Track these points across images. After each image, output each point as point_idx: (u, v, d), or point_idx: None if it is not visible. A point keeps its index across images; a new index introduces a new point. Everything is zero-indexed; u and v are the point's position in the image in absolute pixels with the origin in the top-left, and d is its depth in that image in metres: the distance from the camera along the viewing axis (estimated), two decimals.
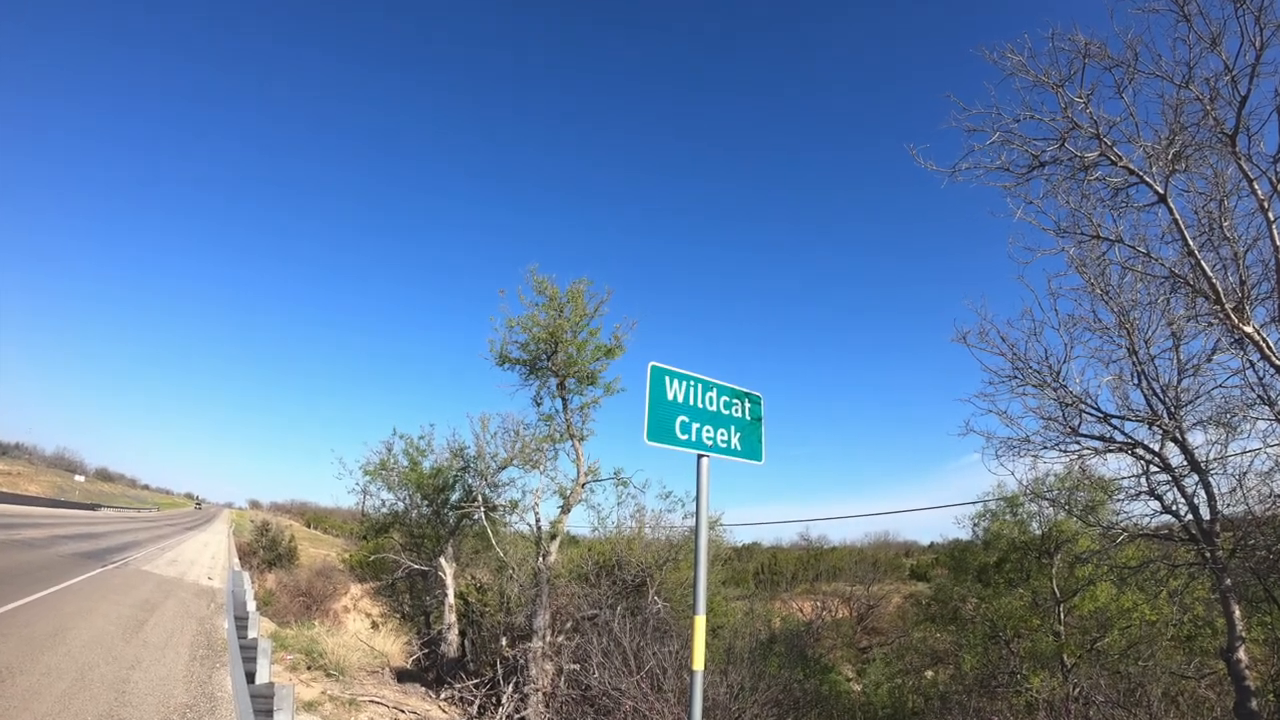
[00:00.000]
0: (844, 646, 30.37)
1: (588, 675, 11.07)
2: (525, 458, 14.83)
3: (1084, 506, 9.52)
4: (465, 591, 18.35)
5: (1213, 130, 5.37)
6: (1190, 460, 6.88)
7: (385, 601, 25.37)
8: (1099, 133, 5.71)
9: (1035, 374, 7.51)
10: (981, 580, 16.59)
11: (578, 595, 14.14)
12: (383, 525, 20.92)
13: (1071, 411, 7.37)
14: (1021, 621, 14.54)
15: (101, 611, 11.84)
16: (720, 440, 5.09)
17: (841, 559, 47.21)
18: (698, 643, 4.60)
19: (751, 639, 16.75)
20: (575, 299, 13.52)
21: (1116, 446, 7.32)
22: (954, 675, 15.75)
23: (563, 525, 13.60)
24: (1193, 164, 5.66)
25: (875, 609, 35.32)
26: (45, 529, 28.26)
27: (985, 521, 16.78)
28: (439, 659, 17.01)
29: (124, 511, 71.52)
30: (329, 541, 67.34)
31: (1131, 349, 7.19)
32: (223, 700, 7.83)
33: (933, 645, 18.34)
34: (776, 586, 43.86)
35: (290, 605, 28.92)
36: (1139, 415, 7.17)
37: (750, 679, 10.76)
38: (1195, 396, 7.05)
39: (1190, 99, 5.40)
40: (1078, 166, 5.93)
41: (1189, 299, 6.33)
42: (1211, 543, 6.72)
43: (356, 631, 20.08)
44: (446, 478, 18.01)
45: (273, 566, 41.23)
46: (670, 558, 14.56)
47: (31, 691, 6.99)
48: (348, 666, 11.84)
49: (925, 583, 36.52)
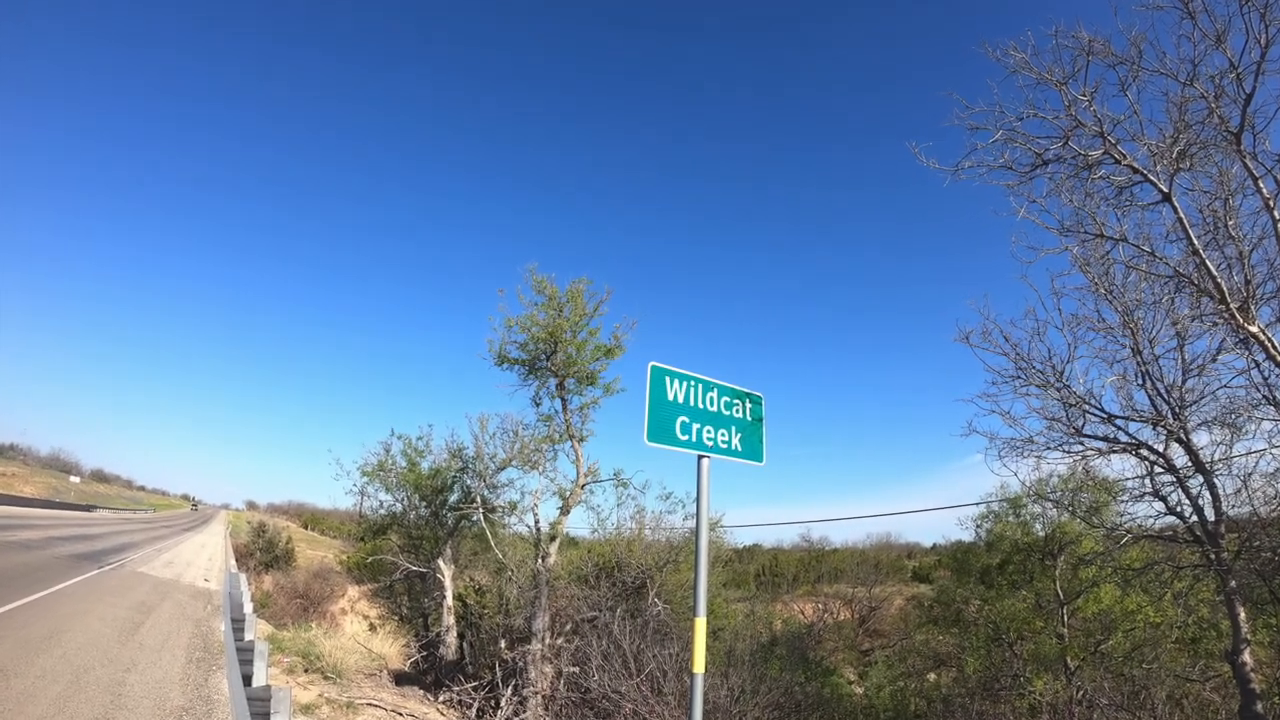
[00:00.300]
0: (846, 649, 30.36)
1: (587, 678, 11.06)
2: (524, 459, 14.83)
3: (1088, 508, 9.52)
4: (464, 593, 18.35)
5: (1217, 128, 5.37)
6: (1195, 461, 6.88)
7: (383, 604, 25.37)
8: (1103, 131, 5.71)
9: (1039, 374, 7.51)
10: (984, 582, 16.58)
11: (577, 597, 14.13)
12: (380, 527, 20.92)
13: (1075, 412, 7.37)
14: (1025, 624, 14.53)
15: (97, 614, 11.83)
16: (721, 441, 5.09)
17: (843, 560, 47.17)
18: (698, 645, 4.60)
19: (752, 641, 16.74)
20: (575, 298, 13.52)
21: (1120, 447, 7.31)
22: (957, 678, 15.73)
23: (562, 527, 13.60)
24: (1197, 162, 5.65)
25: (877, 611, 35.30)
26: (40, 530, 28.27)
27: (988, 523, 16.77)
28: (437, 661, 17.01)
29: (120, 513, 71.52)
30: (326, 543, 67.34)
31: (1136, 349, 7.19)
32: (219, 703, 7.84)
33: (935, 648, 18.34)
34: (778, 588, 43.85)
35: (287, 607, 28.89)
36: (1143, 416, 7.17)
37: (751, 682, 10.76)
38: (1200, 397, 7.05)
39: (1195, 97, 5.40)
40: (1081, 165, 5.93)
41: (1194, 298, 6.33)
42: (1216, 544, 6.71)
43: (354, 634, 20.07)
44: (445, 479, 18.00)
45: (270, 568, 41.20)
46: (670, 559, 14.55)
47: (27, 694, 6.99)
48: (345, 669, 11.85)
49: (928, 584, 36.54)
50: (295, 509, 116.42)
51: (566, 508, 13.55)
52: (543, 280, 13.58)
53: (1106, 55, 5.58)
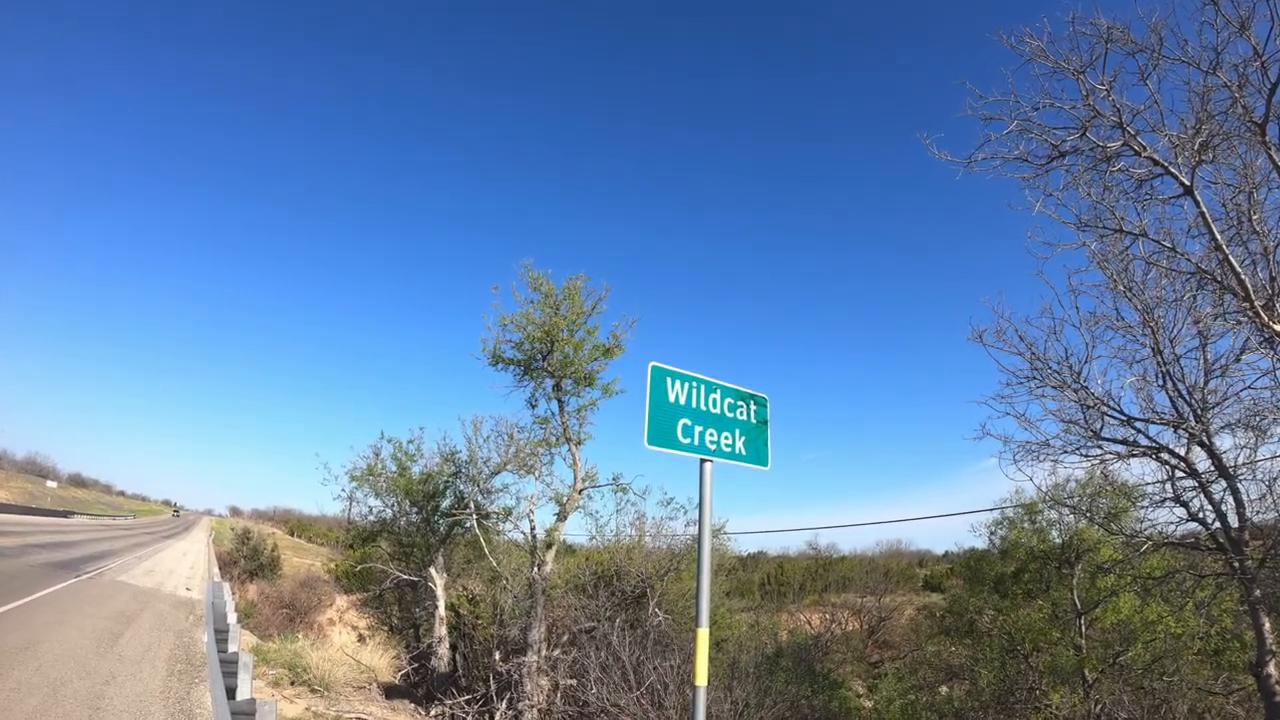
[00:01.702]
0: (854, 661, 30.36)
1: (585, 691, 11.07)
2: (520, 463, 14.84)
3: (1106, 514, 9.52)
4: (456, 603, 18.37)
5: (1241, 119, 5.36)
6: (1218, 465, 6.88)
7: (373, 614, 25.41)
8: (1122, 121, 5.71)
9: (1055, 374, 7.51)
10: (999, 591, 16.59)
11: (574, 607, 14.14)
12: (370, 533, 20.95)
13: (1093, 414, 7.37)
14: (1040, 635, 14.53)
15: (75, 624, 11.84)
16: (724, 444, 5.09)
17: (851, 569, 47.19)
18: (700, 657, 4.60)
19: (757, 653, 16.74)
20: (572, 296, 13.53)
21: (1140, 451, 7.31)
22: (970, 691, 15.74)
23: (559, 533, 13.61)
24: (1220, 154, 5.65)
25: (887, 621, 35.30)
26: (16, 537, 28.30)
27: (1002, 530, 16.77)
28: (429, 674, 17.02)
29: (99, 519, 71.60)
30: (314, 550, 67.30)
31: (1156, 348, 7.19)
32: (202, 717, 7.84)
33: (947, 659, 18.33)
34: (783, 598, 43.86)
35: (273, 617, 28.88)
36: (1164, 418, 7.17)
37: (756, 695, 10.77)
38: (1223, 398, 7.05)
39: (1218, 86, 5.39)
40: (1099, 157, 5.93)
41: (1216, 296, 6.33)
42: (1240, 552, 6.72)
43: (342, 645, 20.10)
44: (437, 484, 18.02)
45: (254, 577, 41.17)
46: (672, 567, 14.56)
47: (1, 708, 6.99)
48: (333, 682, 11.86)
49: (939, 594, 36.52)
50: (281, 515, 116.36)
51: (563, 514, 13.56)
52: (539, 277, 13.61)
53: (1125, 43, 5.58)
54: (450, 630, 17.51)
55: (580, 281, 13.73)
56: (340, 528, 47.05)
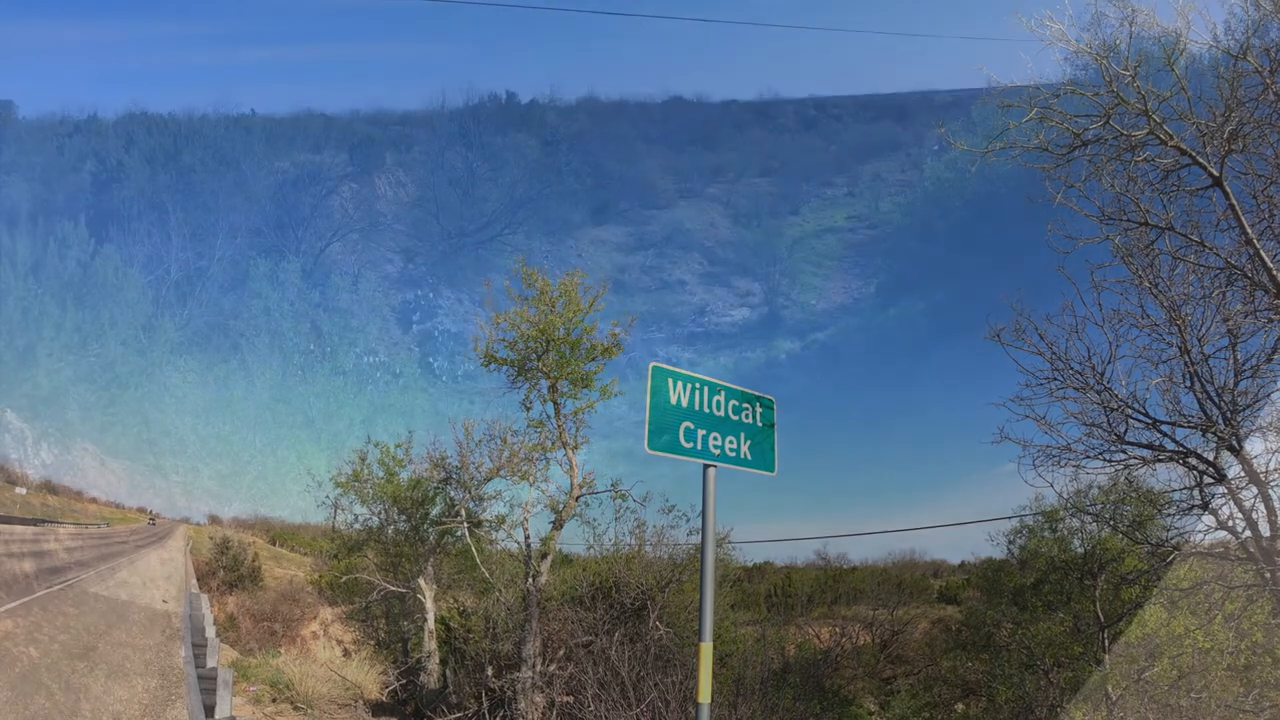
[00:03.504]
0: (866, 677, 30.35)
1: (582, 709, 11.06)
2: (513, 468, 14.84)
3: (1130, 522, 9.53)
4: (447, 616, 18.35)
5: (1273, 106, 5.36)
6: (1249, 471, 6.86)
7: (358, 627, 25.37)
8: (1147, 109, 5.70)
9: (1077, 375, 7.49)
10: (1017, 603, 16.59)
11: (571, 620, 14.13)
12: (355, 543, 20.93)
13: (1117, 417, 7.35)
14: (1061, 649, 14.54)
15: (45, 637, 11.84)
16: (728, 449, 5.08)
17: (863, 580, 47.15)
18: (704, 673, 4.60)
19: (763, 668, 16.71)
20: (568, 293, 13.54)
21: (1167, 456, 7.30)
22: (987, 708, 15.76)
23: (554, 543, 13.61)
24: (1251, 143, 5.65)
25: (900, 635, 35.29)
26: None
27: (1021, 539, 16.79)
28: (418, 690, 17.02)
29: (71, 527, 71.56)
30: (296, 560, 67.26)
31: (1183, 348, 7.17)
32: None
33: (964, 675, 18.35)
34: (791, 610, 43.80)
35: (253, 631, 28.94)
36: (1191, 421, 7.15)
37: (762, 712, 10.77)
38: (1254, 400, 7.03)
39: (1248, 71, 5.39)
40: (1123, 146, 5.92)
41: (1247, 292, 6.32)
42: (1272, 562, 6.70)
43: (327, 660, 20.11)
44: (426, 490, 18.00)
45: (234, 588, 41.21)
46: (673, 578, 14.55)
47: None
48: (317, 699, 11.86)
49: (955, 606, 36.50)
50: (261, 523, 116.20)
51: (559, 522, 13.55)
52: (533, 273, 13.61)
53: (1152, 26, 5.59)
54: (440, 645, 17.50)
55: (577, 278, 13.75)
56: (325, 537, 47.05)
